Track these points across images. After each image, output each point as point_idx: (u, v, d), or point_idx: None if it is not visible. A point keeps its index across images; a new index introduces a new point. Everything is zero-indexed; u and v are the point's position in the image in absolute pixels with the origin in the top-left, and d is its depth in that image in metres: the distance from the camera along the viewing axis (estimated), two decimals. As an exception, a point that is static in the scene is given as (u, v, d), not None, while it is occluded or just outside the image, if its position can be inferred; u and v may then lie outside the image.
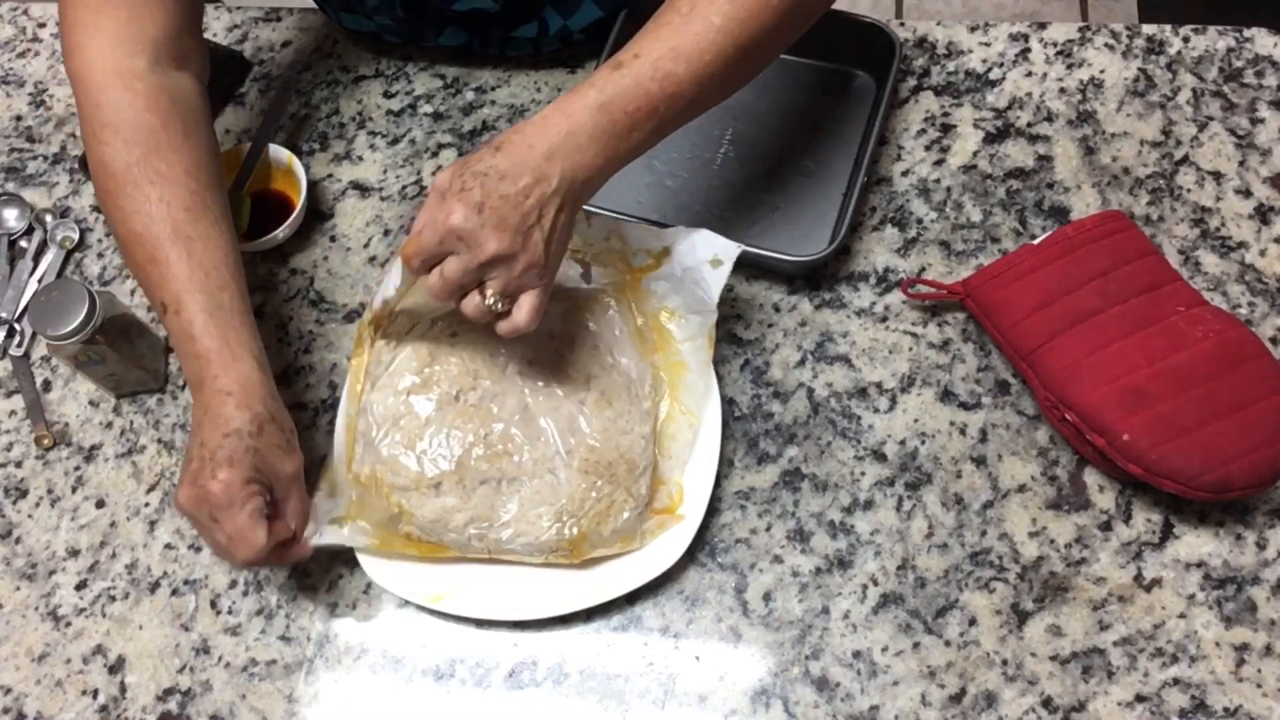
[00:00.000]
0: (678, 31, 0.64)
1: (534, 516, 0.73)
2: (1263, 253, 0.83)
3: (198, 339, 0.69)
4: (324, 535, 0.73)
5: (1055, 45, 0.94)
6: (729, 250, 0.77)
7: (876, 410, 0.80)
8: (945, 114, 0.92)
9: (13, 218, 0.95)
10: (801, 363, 0.82)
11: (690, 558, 0.76)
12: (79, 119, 0.74)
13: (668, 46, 0.63)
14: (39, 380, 0.88)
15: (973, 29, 0.95)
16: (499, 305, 0.65)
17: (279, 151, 0.91)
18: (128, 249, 0.72)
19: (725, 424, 0.79)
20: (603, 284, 0.80)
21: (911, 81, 0.94)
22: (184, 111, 0.75)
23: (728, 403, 0.81)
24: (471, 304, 0.66)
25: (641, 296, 0.81)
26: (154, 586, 0.79)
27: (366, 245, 0.91)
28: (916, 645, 0.73)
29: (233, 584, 0.79)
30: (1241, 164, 0.87)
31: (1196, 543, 0.74)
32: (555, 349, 0.77)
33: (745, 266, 0.86)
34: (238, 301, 0.71)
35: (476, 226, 0.62)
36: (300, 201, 0.88)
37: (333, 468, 0.77)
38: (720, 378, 0.80)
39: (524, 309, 0.66)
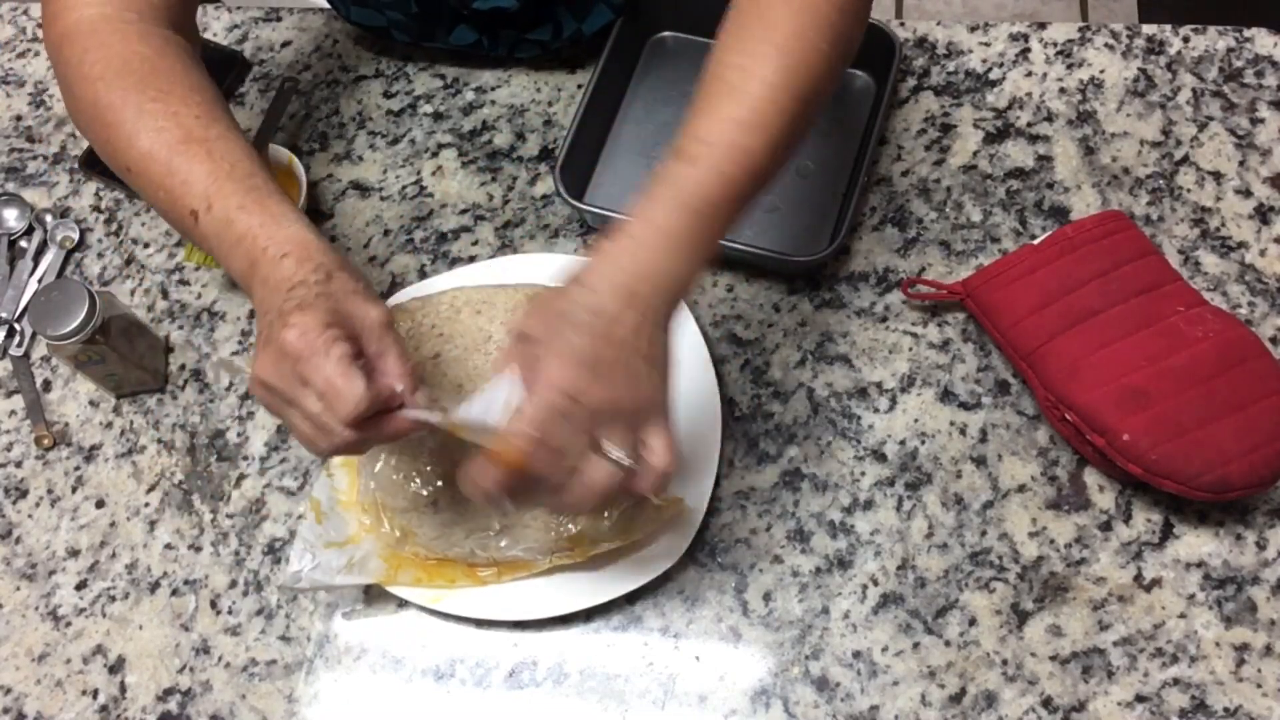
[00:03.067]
0: (736, 101, 0.59)
1: (528, 519, 0.73)
2: (1263, 253, 0.83)
3: (235, 222, 0.62)
4: (337, 577, 0.74)
5: (1055, 45, 0.94)
6: None
7: (876, 410, 0.80)
8: (945, 114, 0.92)
9: (13, 218, 0.95)
10: (801, 363, 0.82)
11: (690, 558, 0.76)
12: (60, 80, 0.69)
13: (732, 121, 0.59)
14: (39, 380, 0.88)
15: (973, 29, 0.95)
16: (628, 461, 0.56)
17: (279, 151, 0.91)
18: (141, 174, 0.66)
19: (725, 424, 0.79)
20: None
21: (911, 81, 0.94)
22: (178, 50, 0.71)
23: (728, 403, 0.81)
24: (601, 473, 0.56)
25: None
26: (154, 586, 0.79)
27: (366, 245, 0.91)
28: (916, 645, 0.73)
29: (233, 584, 0.79)
30: (1241, 164, 0.87)
31: (1196, 543, 0.74)
32: None
33: (745, 266, 0.86)
34: (271, 184, 0.65)
35: (580, 380, 0.55)
36: (300, 201, 0.88)
37: (317, 499, 0.77)
38: (720, 378, 0.80)
39: (657, 452, 0.57)
